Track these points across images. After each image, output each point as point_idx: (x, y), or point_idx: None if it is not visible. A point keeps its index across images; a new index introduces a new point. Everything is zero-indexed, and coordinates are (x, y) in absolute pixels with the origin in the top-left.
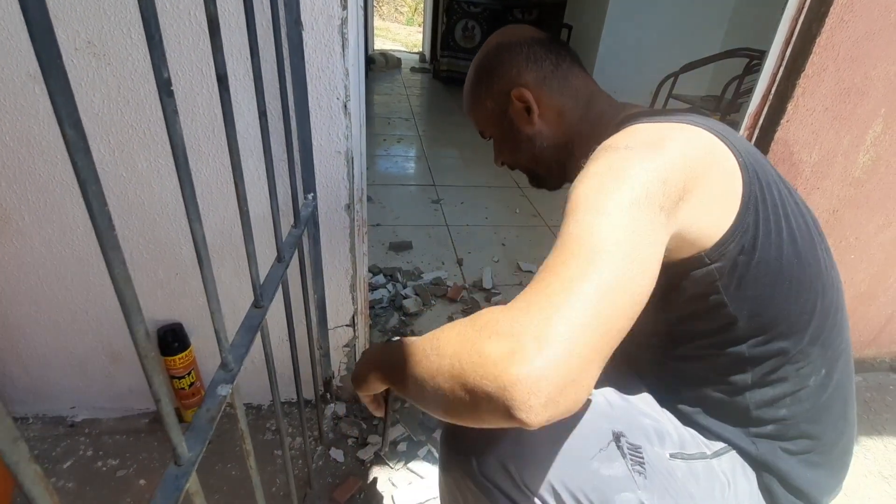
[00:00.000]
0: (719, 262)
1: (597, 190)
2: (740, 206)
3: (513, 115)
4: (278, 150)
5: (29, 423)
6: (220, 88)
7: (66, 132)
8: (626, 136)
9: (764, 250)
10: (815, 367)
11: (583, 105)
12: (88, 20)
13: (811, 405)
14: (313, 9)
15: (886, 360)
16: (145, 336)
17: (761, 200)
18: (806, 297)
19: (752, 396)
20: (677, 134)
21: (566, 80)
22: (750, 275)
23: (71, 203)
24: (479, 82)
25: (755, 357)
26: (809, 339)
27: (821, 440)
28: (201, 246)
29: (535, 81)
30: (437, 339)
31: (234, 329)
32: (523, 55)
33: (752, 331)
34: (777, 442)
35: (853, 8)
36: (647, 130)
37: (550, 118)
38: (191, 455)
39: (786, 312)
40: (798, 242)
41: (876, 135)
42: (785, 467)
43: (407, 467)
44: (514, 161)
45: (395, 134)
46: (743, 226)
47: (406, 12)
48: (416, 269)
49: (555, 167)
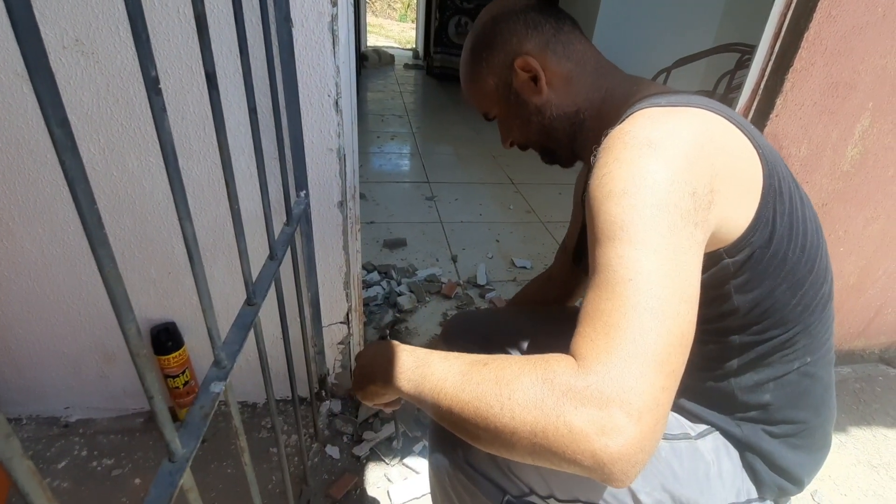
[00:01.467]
0: (736, 256)
1: (632, 216)
2: (760, 200)
3: (518, 87)
4: (270, 148)
5: (23, 423)
6: (209, 87)
7: (54, 131)
8: (645, 127)
9: (777, 245)
10: (799, 355)
11: (590, 71)
12: (76, 18)
13: (794, 390)
14: (303, 5)
15: (875, 352)
16: (137, 334)
17: (779, 194)
18: (804, 291)
19: (737, 382)
20: (699, 127)
21: (570, 45)
22: (760, 268)
23: (61, 202)
24: (478, 60)
25: (745, 344)
26: (800, 329)
27: (804, 424)
28: (192, 245)
29: (538, 48)
30: (504, 390)
31: (227, 326)
32: (521, 22)
33: (749, 321)
34: (761, 425)
35: (840, 3)
36: (666, 120)
37: (558, 85)
38: (184, 451)
39: (782, 304)
40: (805, 236)
41: (864, 128)
42: (768, 448)
43: (402, 463)
44: (524, 137)
45: (388, 131)
46: (762, 220)
47: (399, 8)
48: (410, 266)
49: (566, 140)
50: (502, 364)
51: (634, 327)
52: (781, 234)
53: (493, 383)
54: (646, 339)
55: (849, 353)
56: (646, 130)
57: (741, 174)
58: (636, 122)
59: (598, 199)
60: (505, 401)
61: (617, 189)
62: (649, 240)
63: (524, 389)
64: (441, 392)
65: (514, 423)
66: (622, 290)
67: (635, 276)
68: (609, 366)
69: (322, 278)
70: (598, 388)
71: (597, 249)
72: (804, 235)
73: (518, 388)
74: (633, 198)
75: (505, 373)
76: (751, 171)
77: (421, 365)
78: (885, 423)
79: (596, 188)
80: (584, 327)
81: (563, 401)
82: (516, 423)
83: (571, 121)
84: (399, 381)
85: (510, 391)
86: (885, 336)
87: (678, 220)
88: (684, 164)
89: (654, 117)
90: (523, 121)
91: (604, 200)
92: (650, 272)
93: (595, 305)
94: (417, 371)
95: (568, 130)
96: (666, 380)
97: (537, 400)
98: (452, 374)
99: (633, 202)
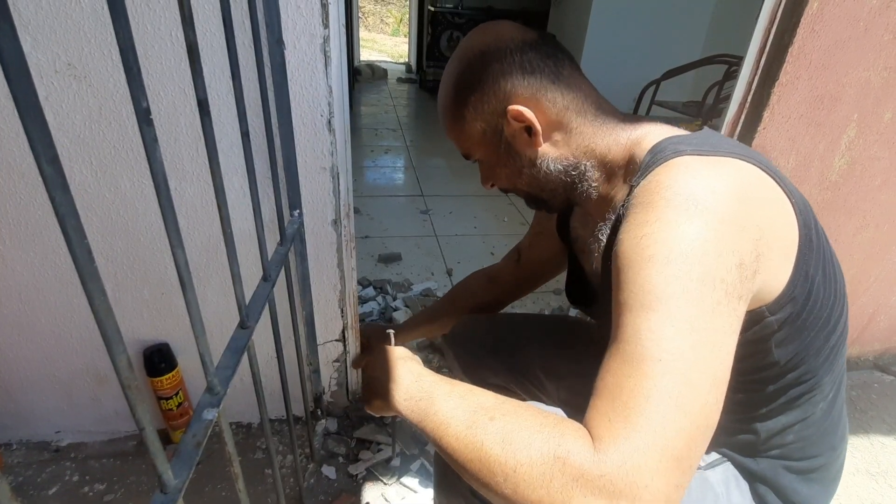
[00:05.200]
0: (778, 314)
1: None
2: (797, 253)
3: (510, 137)
4: (263, 168)
5: (13, 449)
6: (201, 113)
7: (44, 169)
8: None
9: (815, 296)
10: (824, 394)
11: (591, 118)
12: (68, 42)
13: (817, 430)
14: (295, 28)
15: (870, 359)
16: (128, 366)
17: (815, 247)
18: (835, 335)
19: (763, 426)
20: (738, 180)
21: (569, 90)
22: (800, 322)
23: (53, 226)
24: (462, 100)
25: (778, 391)
26: (825, 370)
27: (822, 459)
28: (185, 272)
29: (535, 95)
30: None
31: (221, 348)
32: (516, 64)
33: (785, 370)
34: (781, 461)
35: (823, 18)
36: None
37: (556, 136)
38: (177, 482)
39: (816, 350)
40: (836, 281)
41: (850, 139)
42: (784, 483)
43: (400, 482)
44: (511, 186)
45: (382, 145)
46: (801, 274)
47: (391, 23)
48: (405, 281)
49: (561, 190)
50: (511, 424)
51: (658, 416)
52: (818, 284)
53: (500, 446)
54: (667, 432)
55: None
56: (688, 186)
57: (780, 231)
58: (672, 173)
59: (637, 263)
60: (510, 472)
61: (660, 255)
62: (689, 317)
63: (532, 464)
64: (443, 437)
65: (515, 496)
66: (650, 369)
67: (665, 357)
68: (625, 456)
69: (317, 297)
70: (610, 480)
71: (627, 316)
72: (835, 281)
73: (525, 460)
74: (678, 268)
75: (514, 437)
76: (787, 224)
77: (425, 398)
78: (881, 430)
79: (633, 249)
80: (603, 402)
81: (572, 486)
82: (518, 497)
83: (569, 173)
84: (401, 407)
85: (516, 462)
86: (879, 343)
87: (723, 296)
88: (731, 230)
89: (691, 169)
90: (513, 171)
91: (643, 265)
92: (683, 354)
93: (617, 380)
94: (421, 404)
95: (565, 182)
96: (682, 477)
97: (545, 479)
98: (456, 422)
99: (676, 273)
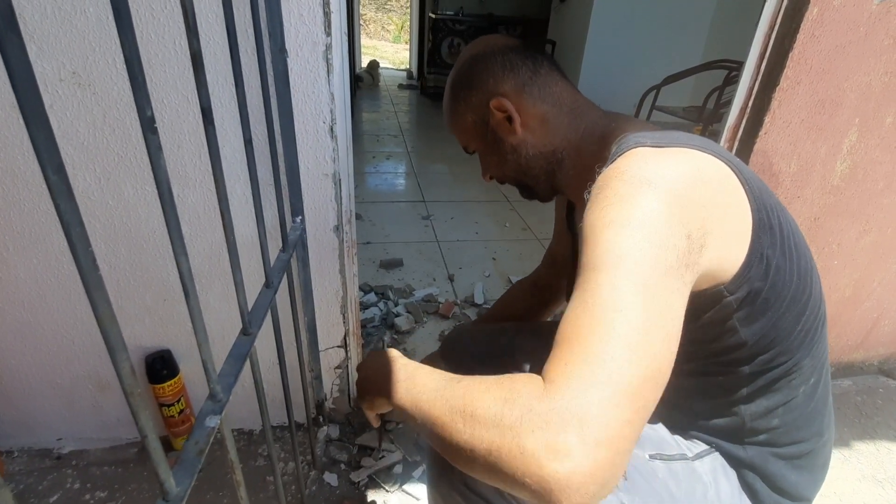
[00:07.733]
0: (736, 293)
1: (632, 249)
2: (752, 235)
3: (494, 126)
4: (265, 175)
5: (14, 456)
6: (205, 122)
7: (50, 177)
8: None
9: (774, 277)
10: (805, 378)
11: (567, 111)
12: (73, 51)
13: (800, 413)
14: (297, 36)
15: (875, 363)
16: (131, 373)
17: (769, 227)
18: (806, 316)
19: (746, 409)
20: (690, 166)
21: (546, 87)
22: (761, 301)
23: (56, 233)
24: (457, 97)
25: (754, 373)
26: (803, 353)
27: (809, 444)
28: (188, 280)
29: (514, 89)
30: (468, 406)
31: (223, 354)
32: (498, 63)
33: (757, 351)
34: (769, 448)
35: (823, 23)
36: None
37: (533, 126)
38: (179, 490)
39: (787, 332)
40: (799, 263)
41: (851, 143)
42: (773, 469)
43: (402, 489)
44: (501, 173)
45: (383, 151)
46: (756, 255)
47: (392, 30)
48: (407, 287)
49: (543, 177)
50: (473, 382)
51: (611, 356)
52: (777, 265)
53: (461, 399)
54: (620, 370)
55: (848, 366)
56: (642, 169)
57: (732, 211)
58: (630, 160)
59: (599, 228)
60: (468, 417)
61: (619, 220)
62: (644, 275)
63: (486, 407)
64: (418, 405)
65: (472, 440)
66: (609, 319)
67: (623, 308)
68: (575, 390)
69: (319, 303)
70: (557, 412)
71: (589, 273)
72: (798, 262)
73: (481, 405)
74: (636, 232)
75: (472, 390)
76: (740, 207)
77: (408, 377)
78: (888, 436)
79: (596, 218)
80: (561, 349)
81: (520, 421)
82: (475, 440)
83: (548, 160)
84: (390, 394)
85: (473, 408)
86: (884, 347)
87: (674, 261)
88: (680, 205)
89: (647, 157)
90: (500, 158)
91: (604, 229)
92: (639, 307)
93: (576, 329)
94: (405, 384)
95: (545, 168)
96: (633, 414)
97: (496, 419)
98: (429, 389)
99: (635, 236)
